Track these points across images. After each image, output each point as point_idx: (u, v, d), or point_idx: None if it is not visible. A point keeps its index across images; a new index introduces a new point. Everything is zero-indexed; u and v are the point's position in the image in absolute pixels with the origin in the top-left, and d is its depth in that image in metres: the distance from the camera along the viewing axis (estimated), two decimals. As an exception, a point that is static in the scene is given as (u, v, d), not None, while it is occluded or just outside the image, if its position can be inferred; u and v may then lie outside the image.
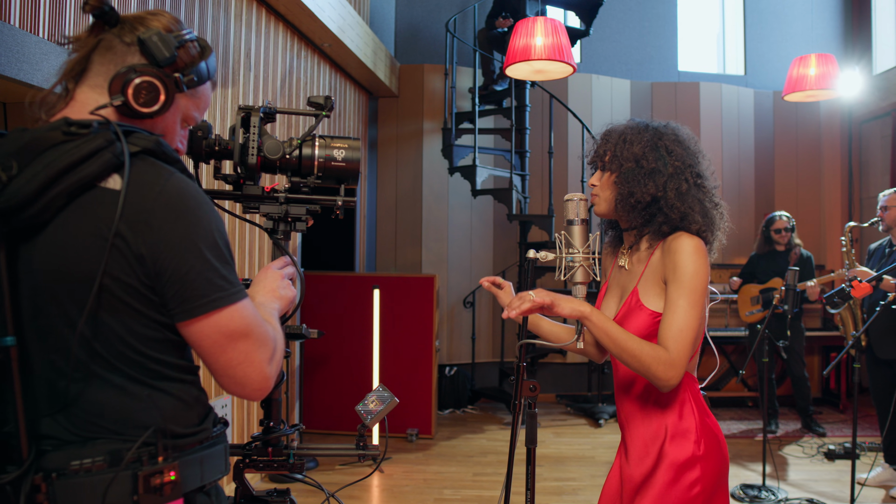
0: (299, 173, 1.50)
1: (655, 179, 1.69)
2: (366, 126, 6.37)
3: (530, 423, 1.70)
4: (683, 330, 1.58)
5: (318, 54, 5.05)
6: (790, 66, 4.80)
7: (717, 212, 1.73)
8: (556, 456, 4.77)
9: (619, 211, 1.76)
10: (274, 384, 1.19)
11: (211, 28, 3.53)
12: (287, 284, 1.42)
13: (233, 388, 1.13)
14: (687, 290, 1.61)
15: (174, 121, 1.21)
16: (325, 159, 1.48)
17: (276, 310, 1.34)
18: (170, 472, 1.09)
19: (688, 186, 1.70)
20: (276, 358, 1.19)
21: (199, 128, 1.42)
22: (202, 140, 1.43)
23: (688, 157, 1.73)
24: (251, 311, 1.13)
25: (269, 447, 1.57)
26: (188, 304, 1.06)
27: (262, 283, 1.38)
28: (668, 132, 1.76)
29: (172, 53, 1.13)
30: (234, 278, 1.11)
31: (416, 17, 6.91)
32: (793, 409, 5.96)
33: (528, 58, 4.17)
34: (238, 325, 1.10)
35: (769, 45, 7.36)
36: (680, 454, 1.67)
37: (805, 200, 6.94)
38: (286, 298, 1.40)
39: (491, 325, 6.70)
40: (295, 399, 4.72)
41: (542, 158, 6.44)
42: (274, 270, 1.43)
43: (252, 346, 1.11)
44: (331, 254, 6.11)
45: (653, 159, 1.70)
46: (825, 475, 4.36)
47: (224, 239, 1.11)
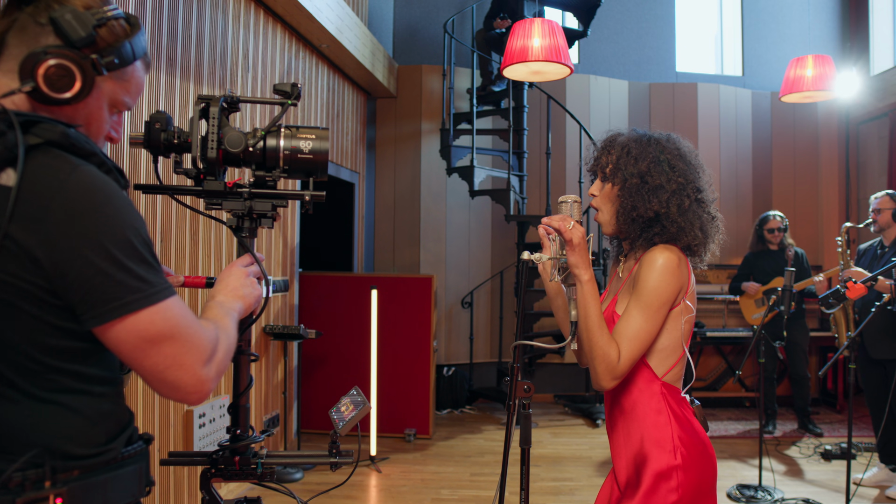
0: (264, 167, 1.41)
1: (659, 196, 1.71)
2: (364, 127, 6.38)
3: (524, 424, 1.72)
4: (631, 340, 1.63)
5: (316, 55, 5.06)
6: (787, 68, 4.82)
7: (713, 225, 1.76)
8: (553, 456, 4.79)
9: (619, 223, 1.78)
10: (212, 386, 1.09)
11: (209, 29, 3.54)
12: (251, 283, 1.36)
13: (166, 393, 1.06)
14: (643, 304, 1.64)
15: (99, 107, 1.11)
16: (291, 151, 1.39)
17: (236, 310, 1.28)
18: (56, 500, 0.98)
19: (689, 202, 1.72)
20: (217, 359, 1.10)
21: (156, 119, 1.34)
22: (160, 132, 1.34)
23: (690, 172, 1.75)
24: (178, 311, 1.04)
25: (237, 456, 1.48)
26: (98, 309, 0.98)
27: (225, 282, 1.33)
28: (670, 146, 1.78)
29: (90, 33, 1.04)
30: (154, 278, 1.02)
31: (415, 17, 6.92)
32: (790, 409, 5.98)
33: (525, 59, 4.18)
34: (160, 328, 1.02)
35: (767, 45, 7.37)
36: (657, 463, 1.68)
37: (802, 201, 6.95)
38: (250, 297, 1.34)
39: (489, 326, 6.71)
40: (293, 399, 4.73)
41: (540, 159, 6.46)
42: (238, 268, 1.37)
43: (180, 348, 1.03)
44: (329, 254, 6.12)
45: (657, 175, 1.72)
46: (822, 475, 4.38)
47: (141, 237, 1.03)
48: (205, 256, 3.49)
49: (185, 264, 3.32)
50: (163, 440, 3.13)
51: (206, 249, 3.53)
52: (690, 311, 1.72)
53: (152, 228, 3.04)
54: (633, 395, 1.74)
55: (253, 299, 1.35)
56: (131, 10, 2.87)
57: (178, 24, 3.26)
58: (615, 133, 1.85)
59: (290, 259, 4.73)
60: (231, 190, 1.41)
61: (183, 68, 3.28)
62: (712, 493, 1.73)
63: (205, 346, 1.08)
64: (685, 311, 1.71)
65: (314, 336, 4.33)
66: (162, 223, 3.11)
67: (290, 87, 1.42)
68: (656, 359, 1.71)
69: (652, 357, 1.71)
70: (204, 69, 3.49)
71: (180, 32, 3.27)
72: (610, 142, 1.84)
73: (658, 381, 1.71)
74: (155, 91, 3.05)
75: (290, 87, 1.42)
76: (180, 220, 3.24)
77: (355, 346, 5.10)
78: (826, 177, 6.98)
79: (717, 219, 1.78)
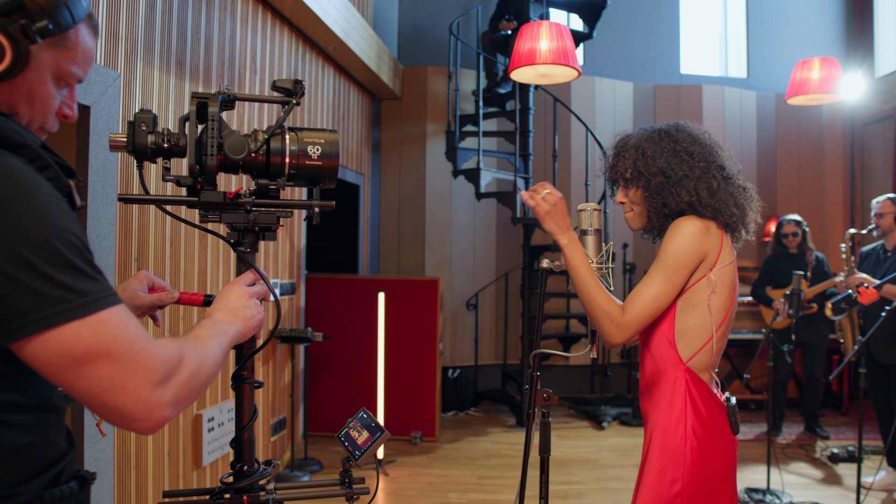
0: (267, 174, 1.27)
1: (686, 186, 1.71)
2: (369, 128, 6.37)
3: (544, 432, 1.72)
4: (644, 298, 1.65)
5: (322, 57, 5.05)
6: (793, 70, 4.81)
7: (745, 196, 1.76)
8: (560, 459, 4.78)
9: (653, 221, 1.80)
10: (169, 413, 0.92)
11: (217, 32, 3.53)
12: (254, 305, 1.22)
13: (110, 419, 0.91)
14: (659, 264, 1.67)
15: (41, 81, 0.96)
16: (298, 157, 1.25)
17: (232, 332, 1.14)
18: None
19: (717, 183, 1.72)
20: (177, 382, 0.94)
21: (142, 120, 1.18)
22: (146, 135, 1.18)
23: (708, 153, 1.75)
24: (115, 324, 0.89)
25: (245, 494, 1.32)
26: (10, 324, 0.84)
27: (226, 300, 1.20)
28: (682, 135, 1.77)
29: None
30: (84, 286, 0.87)
31: (420, 19, 6.91)
32: (793, 411, 5.97)
33: (533, 62, 4.17)
34: (90, 345, 0.86)
35: (771, 47, 7.36)
36: (667, 449, 1.68)
37: (807, 203, 6.94)
38: (251, 321, 1.20)
39: (494, 328, 6.71)
40: (300, 402, 4.72)
41: (546, 161, 6.45)
42: (241, 287, 1.23)
43: (119, 368, 0.87)
44: (334, 256, 6.11)
45: (678, 167, 1.72)
46: (830, 479, 4.37)
47: (68, 239, 0.87)
48: (199, 276, 3.48)
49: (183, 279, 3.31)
50: (172, 444, 3.12)
51: (201, 268, 3.45)
52: (714, 285, 1.67)
53: (142, 240, 3.03)
54: (656, 375, 1.75)
55: (254, 323, 1.22)
56: (141, 12, 2.86)
57: (188, 28, 3.25)
58: (625, 136, 1.85)
59: (297, 262, 4.72)
60: (232, 202, 1.26)
61: (192, 71, 3.27)
62: (726, 486, 1.71)
63: (155, 365, 0.91)
64: (710, 285, 1.67)
65: (321, 339, 4.32)
66: (155, 234, 3.10)
67: (292, 84, 1.27)
68: (682, 341, 1.70)
69: (679, 338, 1.70)
70: (213, 72, 3.48)
71: (189, 35, 3.26)
72: (622, 146, 1.83)
73: (682, 365, 1.70)
74: (164, 94, 3.04)
75: (292, 83, 1.27)
76: (174, 232, 3.23)
77: (362, 349, 5.09)
78: (831, 179, 6.97)
79: (748, 189, 1.78)
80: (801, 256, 5.20)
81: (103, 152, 2.60)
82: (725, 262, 1.69)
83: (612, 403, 6.23)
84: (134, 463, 2.84)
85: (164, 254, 3.06)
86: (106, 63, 2.62)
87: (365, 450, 1.47)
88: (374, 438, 1.48)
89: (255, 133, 1.25)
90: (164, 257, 3.06)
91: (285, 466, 4.39)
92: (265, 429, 4.19)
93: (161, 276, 3.04)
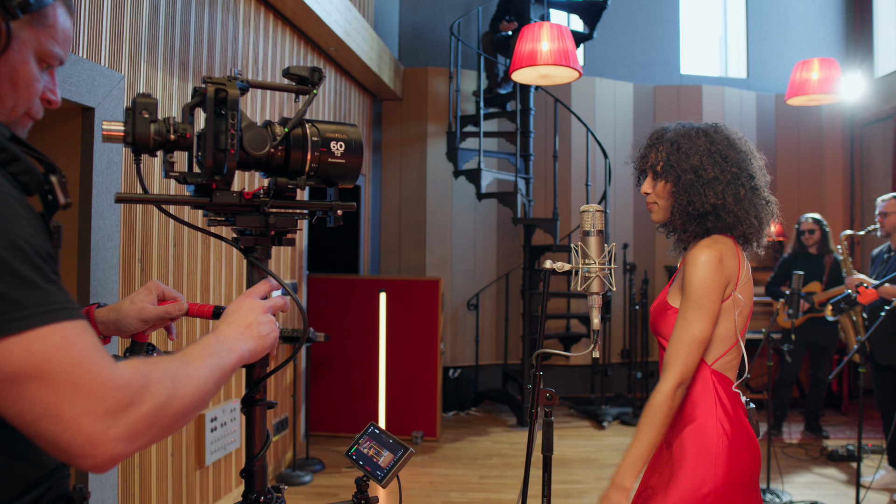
0: (285, 172, 1.13)
1: (714, 188, 1.73)
2: (370, 129, 6.39)
3: (547, 432, 1.73)
4: (683, 341, 1.67)
5: (323, 58, 5.06)
6: (793, 70, 4.83)
7: (766, 210, 1.76)
8: (560, 458, 4.79)
9: (675, 218, 1.81)
10: (123, 449, 0.79)
11: (220, 33, 3.54)
12: (270, 321, 1.09)
13: (52, 452, 0.78)
14: (692, 303, 1.68)
15: (24, 61, 0.90)
16: (321, 153, 1.13)
17: (243, 351, 1.01)
18: None
19: (745, 191, 1.73)
20: (137, 415, 0.80)
21: (144, 106, 1.02)
22: (149, 123, 1.02)
23: (742, 160, 1.76)
24: (57, 342, 0.76)
25: None
26: None
27: (237, 314, 1.06)
28: (720, 136, 1.78)
29: None
30: (22, 296, 0.75)
31: (420, 20, 6.92)
32: (794, 411, 5.99)
33: (533, 63, 4.19)
34: (20, 364, 0.74)
35: (771, 47, 7.38)
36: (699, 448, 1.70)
37: (807, 203, 6.95)
38: (266, 339, 1.07)
39: (494, 328, 6.72)
40: (301, 402, 4.73)
41: (546, 162, 6.46)
42: (254, 300, 1.09)
43: (55, 394, 0.75)
44: (335, 256, 6.13)
45: (710, 168, 1.73)
46: (829, 477, 4.39)
47: (13, 241, 0.77)
48: (201, 287, 3.49)
49: (186, 281, 3.33)
50: (175, 444, 3.14)
51: (204, 278, 3.41)
52: (742, 303, 1.72)
53: (146, 241, 3.04)
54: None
55: (269, 341, 1.08)
56: (145, 14, 2.88)
57: (191, 29, 3.27)
58: (661, 128, 1.86)
59: (299, 262, 4.74)
60: (249, 203, 1.12)
61: (195, 72, 3.29)
62: (753, 487, 1.73)
63: (104, 392, 0.77)
64: (737, 304, 1.72)
65: (323, 339, 4.28)
66: (159, 235, 3.12)
67: (309, 72, 1.13)
68: (708, 348, 1.72)
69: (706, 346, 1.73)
70: (216, 73, 3.49)
71: (192, 37, 3.28)
72: (657, 138, 1.84)
73: (707, 367, 1.73)
74: (168, 96, 3.06)
75: (308, 71, 1.13)
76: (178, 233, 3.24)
77: (363, 349, 5.11)
78: (830, 179, 6.99)
79: (770, 203, 1.78)
80: (820, 258, 5.11)
81: (107, 154, 2.61)
82: (745, 280, 1.73)
83: (612, 403, 6.25)
84: (138, 463, 2.86)
85: (168, 255, 3.07)
86: (110, 65, 2.63)
87: (388, 470, 1.37)
88: (397, 458, 1.36)
89: (269, 126, 1.12)
90: (168, 258, 3.08)
91: (287, 466, 4.41)
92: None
93: (164, 278, 3.06)
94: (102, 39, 2.60)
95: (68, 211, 2.58)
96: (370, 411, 4.94)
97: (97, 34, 2.58)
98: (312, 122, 1.15)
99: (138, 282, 2.86)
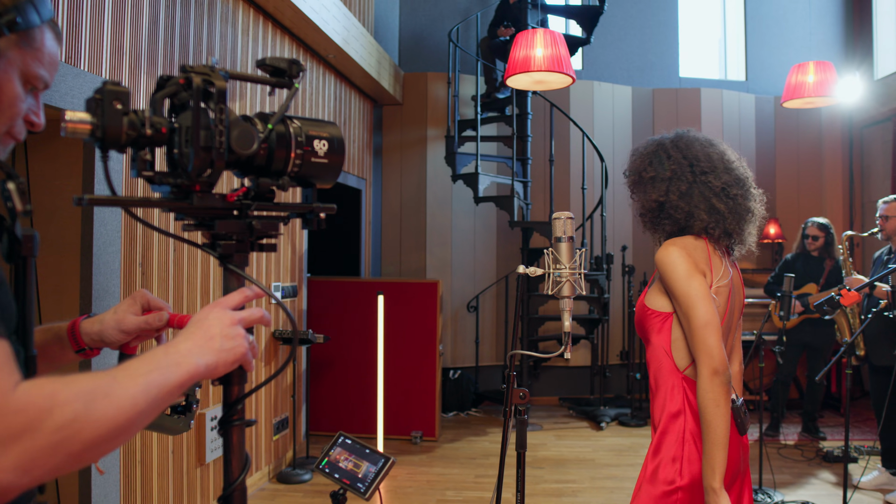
0: (268, 172, 1.02)
1: (656, 186, 1.82)
2: (370, 133, 6.48)
3: (520, 429, 1.80)
4: (697, 332, 1.68)
5: (322, 65, 5.16)
6: (789, 74, 4.88)
7: (725, 204, 1.79)
8: (556, 458, 4.86)
9: (642, 220, 1.90)
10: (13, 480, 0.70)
11: (219, 43, 3.64)
12: (238, 335, 0.94)
13: None
14: (678, 297, 1.73)
15: (8, 79, 0.90)
16: (304, 152, 1.02)
17: (198, 366, 0.89)
18: None
19: (688, 185, 1.80)
20: (33, 443, 0.71)
21: (115, 95, 0.88)
22: (122, 115, 0.89)
23: (689, 156, 1.82)
24: None
25: None
26: None
27: (201, 324, 0.94)
28: (668, 139, 1.88)
29: None
30: None
31: (420, 25, 7.01)
32: (792, 412, 6.02)
33: (528, 69, 4.27)
34: None
35: (770, 50, 7.42)
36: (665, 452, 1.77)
37: (806, 206, 6.99)
38: (230, 353, 0.93)
39: (494, 329, 6.79)
40: (302, 402, 4.82)
41: (545, 165, 6.53)
42: (223, 310, 0.96)
43: None
44: (336, 259, 6.22)
45: (650, 168, 1.84)
46: (823, 478, 4.43)
47: None
48: (203, 276, 3.58)
49: (186, 285, 3.42)
50: (176, 442, 3.23)
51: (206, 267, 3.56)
52: (716, 303, 1.74)
53: (146, 245, 3.13)
54: (656, 382, 1.84)
55: (233, 356, 0.93)
56: (145, 25, 2.98)
57: (190, 40, 3.36)
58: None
59: (299, 265, 4.83)
60: (232, 206, 1.01)
61: (194, 82, 3.38)
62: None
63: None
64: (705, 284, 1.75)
65: (322, 340, 4.43)
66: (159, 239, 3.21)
67: (286, 64, 1.01)
68: (676, 350, 1.78)
69: (673, 347, 1.78)
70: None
71: (191, 47, 3.37)
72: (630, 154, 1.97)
73: (679, 373, 1.78)
74: (167, 105, 3.15)
75: (286, 62, 1.01)
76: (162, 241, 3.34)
77: (362, 350, 5.20)
78: (830, 181, 7.02)
79: (736, 197, 1.79)
80: (821, 260, 5.13)
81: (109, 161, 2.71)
82: (721, 282, 1.77)
83: (611, 404, 6.31)
84: (139, 459, 2.95)
85: (168, 259, 3.17)
86: (111, 77, 2.73)
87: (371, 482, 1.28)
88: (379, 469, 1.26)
89: (250, 121, 1.01)
90: (168, 263, 3.17)
91: (287, 465, 4.50)
92: (267, 428, 4.30)
93: (164, 282, 3.15)
94: (103, 52, 2.70)
95: (71, 216, 2.68)
96: (370, 411, 5.03)
97: (98, 47, 2.67)
98: (292, 118, 1.05)
99: (139, 286, 2.96)
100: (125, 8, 2.85)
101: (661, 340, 1.80)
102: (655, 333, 1.81)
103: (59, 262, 2.71)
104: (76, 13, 2.56)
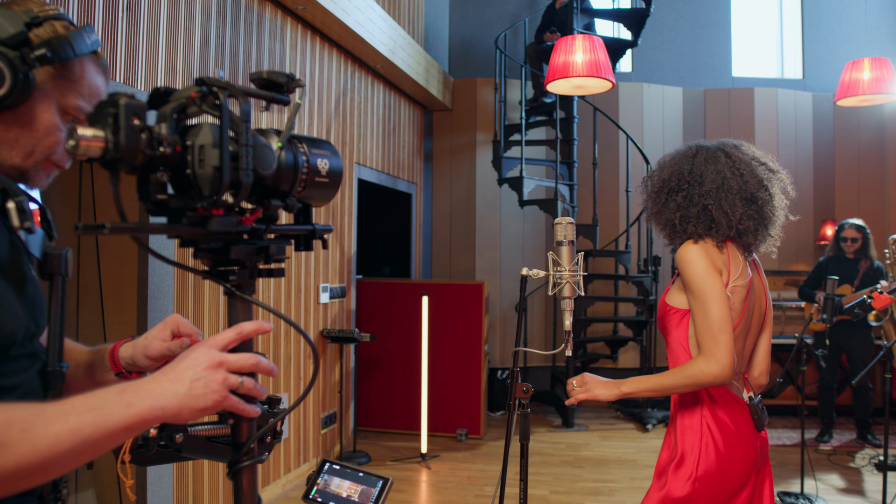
0: (276, 193, 0.93)
1: (651, 201, 1.94)
2: (421, 139, 6.67)
3: (523, 422, 1.92)
4: (707, 328, 1.74)
5: (371, 74, 5.37)
6: (843, 71, 4.78)
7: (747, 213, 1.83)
8: (598, 458, 4.91)
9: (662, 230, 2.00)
10: None
11: (268, 58, 3.88)
12: (217, 381, 0.82)
13: None
14: (695, 293, 1.79)
15: (45, 109, 0.95)
16: (309, 172, 0.95)
17: (153, 408, 0.79)
18: None
19: (666, 199, 1.91)
20: None
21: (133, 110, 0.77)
22: (139, 133, 0.77)
23: (681, 169, 1.91)
24: None
25: None
26: None
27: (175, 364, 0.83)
28: (690, 151, 1.95)
29: (21, 31, 0.92)
30: None
31: (469, 32, 7.16)
32: (850, 419, 5.85)
33: (567, 75, 4.35)
34: None
35: (828, 47, 7.22)
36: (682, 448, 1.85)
37: (868, 206, 6.77)
38: (199, 400, 0.81)
39: (543, 331, 6.86)
40: (349, 399, 5.03)
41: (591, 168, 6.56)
42: (207, 350, 0.84)
43: None
44: (388, 262, 6.44)
45: (667, 181, 1.93)
46: (870, 486, 4.33)
47: None
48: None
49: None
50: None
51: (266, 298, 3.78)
52: (730, 302, 1.79)
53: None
54: None
55: (203, 403, 0.81)
56: (196, 47, 3.22)
57: (239, 57, 3.60)
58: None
59: (348, 267, 5.05)
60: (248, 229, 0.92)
61: (244, 96, 3.62)
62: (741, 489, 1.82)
63: None
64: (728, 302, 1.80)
65: (368, 339, 4.62)
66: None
67: (283, 78, 0.91)
68: (693, 346, 1.85)
69: (690, 343, 1.86)
70: (264, 96, 3.82)
71: (241, 65, 3.62)
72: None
73: None
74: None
75: (284, 77, 0.91)
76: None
77: (409, 350, 5.37)
78: (893, 181, 6.77)
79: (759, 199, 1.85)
80: (856, 262, 5.06)
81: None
82: (738, 282, 1.81)
83: (659, 406, 6.28)
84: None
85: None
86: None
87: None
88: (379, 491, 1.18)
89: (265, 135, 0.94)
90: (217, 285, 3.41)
91: (334, 458, 4.72)
92: (315, 422, 4.52)
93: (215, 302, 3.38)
94: (158, 72, 2.96)
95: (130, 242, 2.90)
96: (415, 409, 5.19)
97: (153, 67, 2.93)
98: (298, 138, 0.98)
99: (190, 308, 3.19)
100: (178, 28, 3.10)
101: (678, 336, 1.87)
102: (674, 329, 1.88)
103: (119, 278, 2.95)
104: (133, 36, 2.82)
